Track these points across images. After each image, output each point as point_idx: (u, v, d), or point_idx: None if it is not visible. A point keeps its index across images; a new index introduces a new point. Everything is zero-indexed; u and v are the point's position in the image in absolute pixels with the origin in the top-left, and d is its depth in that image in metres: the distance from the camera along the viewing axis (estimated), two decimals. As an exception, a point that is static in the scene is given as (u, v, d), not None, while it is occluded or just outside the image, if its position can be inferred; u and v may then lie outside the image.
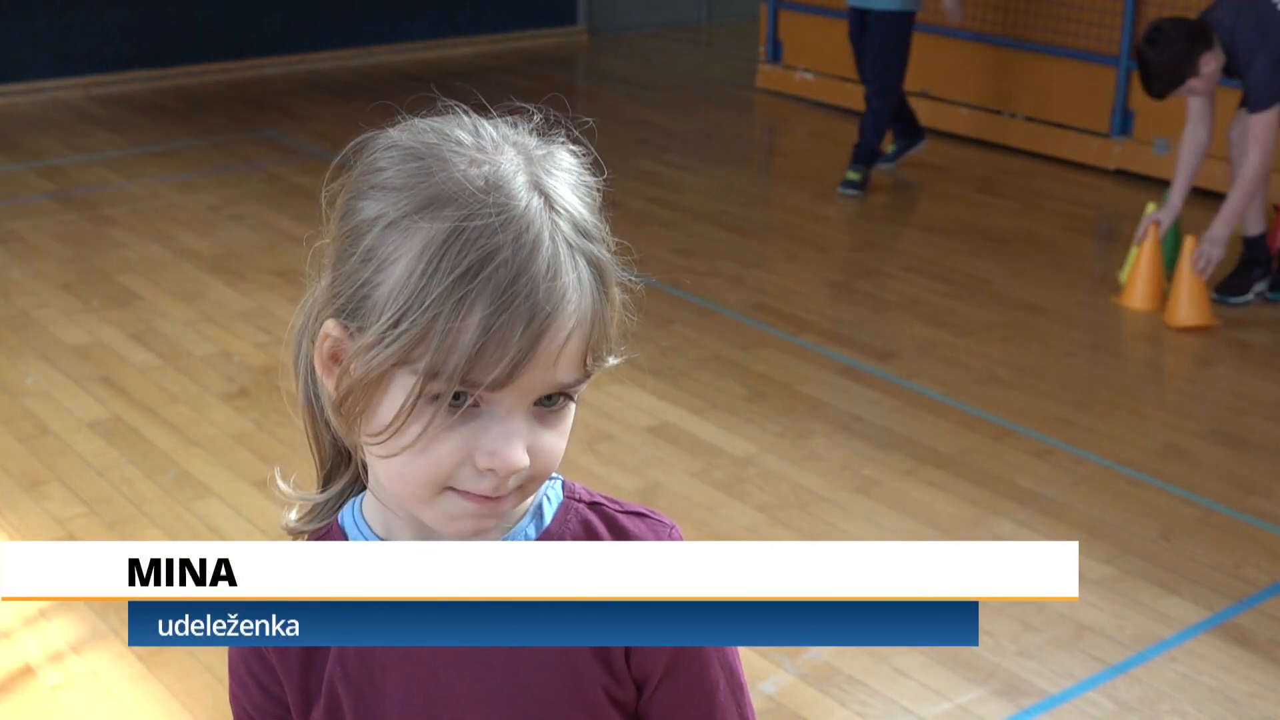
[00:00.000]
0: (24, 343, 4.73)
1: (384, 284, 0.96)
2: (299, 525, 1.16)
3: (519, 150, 1.00)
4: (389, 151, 1.01)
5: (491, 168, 0.97)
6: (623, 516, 1.11)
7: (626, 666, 1.08)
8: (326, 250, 1.05)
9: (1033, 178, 6.64)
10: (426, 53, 9.63)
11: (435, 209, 0.95)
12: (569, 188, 1.00)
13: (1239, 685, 3.03)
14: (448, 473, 0.98)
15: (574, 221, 0.98)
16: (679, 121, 7.90)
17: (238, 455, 3.96)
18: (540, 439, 1.00)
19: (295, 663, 1.10)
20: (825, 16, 8.22)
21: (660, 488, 3.82)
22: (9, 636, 3.16)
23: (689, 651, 1.09)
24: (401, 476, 1.00)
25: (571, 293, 0.96)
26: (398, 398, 0.96)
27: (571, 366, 0.98)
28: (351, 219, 1.01)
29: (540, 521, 1.09)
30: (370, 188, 1.00)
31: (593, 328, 0.98)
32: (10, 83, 8.25)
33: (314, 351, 1.04)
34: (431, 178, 0.97)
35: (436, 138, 1.00)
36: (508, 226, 0.94)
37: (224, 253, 5.63)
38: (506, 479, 0.98)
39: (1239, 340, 4.94)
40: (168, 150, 7.21)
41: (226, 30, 8.95)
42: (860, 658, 3.10)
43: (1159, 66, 4.92)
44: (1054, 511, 3.72)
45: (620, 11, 10.64)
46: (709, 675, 1.10)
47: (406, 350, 0.94)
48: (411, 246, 0.95)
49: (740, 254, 5.74)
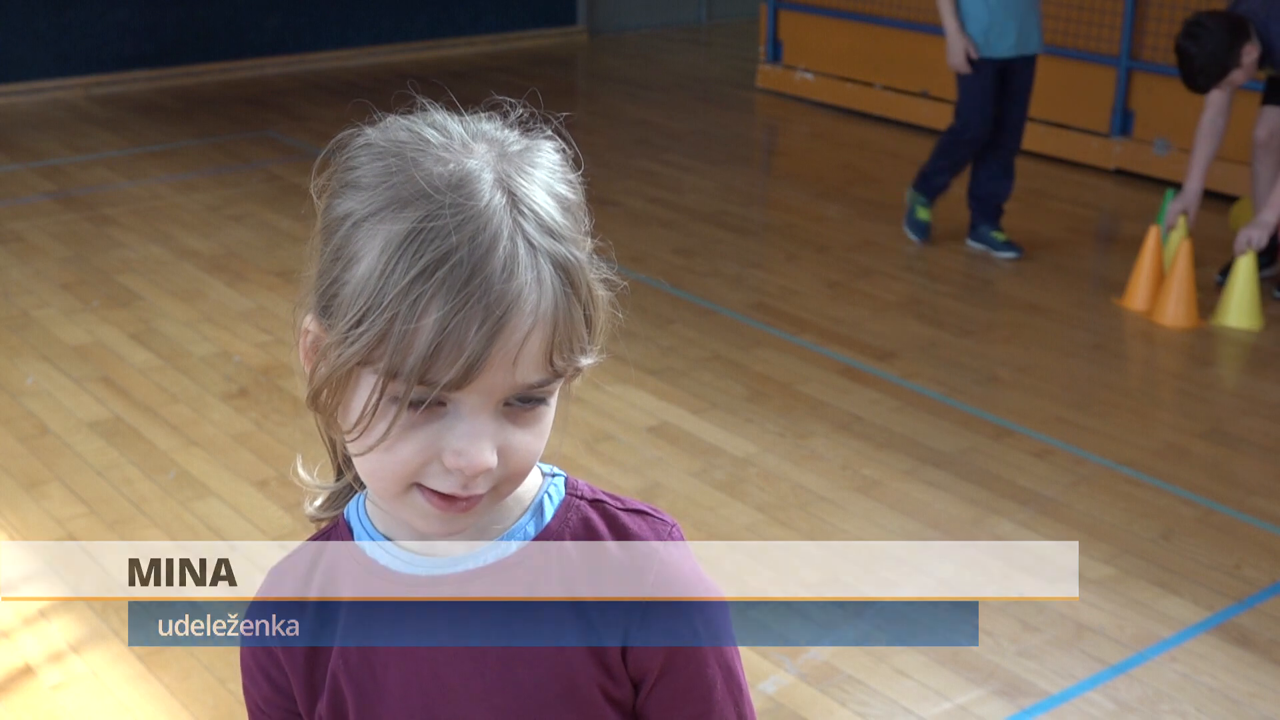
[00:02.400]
0: (24, 343, 4.73)
1: (350, 282, 0.97)
2: (319, 513, 1.17)
3: (492, 147, 1.00)
4: (363, 150, 1.02)
5: (456, 166, 0.97)
6: (624, 514, 1.11)
7: (623, 665, 1.08)
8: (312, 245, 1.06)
9: (1033, 178, 6.63)
10: (426, 53, 9.63)
11: (398, 208, 0.96)
12: (541, 186, 0.99)
13: (1239, 685, 3.03)
14: (414, 470, 0.98)
15: (539, 221, 0.97)
16: (679, 121, 7.89)
17: (238, 455, 3.96)
18: (511, 438, 0.99)
19: (300, 659, 1.11)
20: (825, 16, 8.22)
21: (660, 488, 3.82)
22: (9, 636, 3.16)
23: (685, 650, 1.09)
24: (373, 473, 1.01)
25: (529, 291, 0.95)
26: (363, 396, 0.97)
27: (534, 367, 0.97)
28: (326, 216, 1.02)
29: (541, 519, 1.09)
30: (343, 186, 1.01)
31: (555, 327, 0.97)
32: (10, 83, 8.25)
33: (297, 345, 1.05)
34: (396, 176, 0.98)
35: (407, 136, 1.01)
36: (464, 226, 0.94)
37: (224, 253, 5.63)
38: (474, 478, 0.98)
39: (1239, 340, 4.94)
40: (168, 150, 7.20)
41: (226, 30, 8.95)
42: (860, 658, 3.10)
43: (1203, 60, 4.92)
44: (1054, 511, 3.72)
45: (620, 11, 10.63)
46: (706, 674, 1.10)
47: (368, 350, 0.95)
48: (374, 245, 0.96)
49: (740, 254, 5.74)
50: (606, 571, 1.08)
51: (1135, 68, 6.81)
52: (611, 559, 1.08)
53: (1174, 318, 4.96)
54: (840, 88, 8.12)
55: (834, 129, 7.76)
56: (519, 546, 1.08)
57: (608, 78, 9.31)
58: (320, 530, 1.16)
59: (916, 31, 7.62)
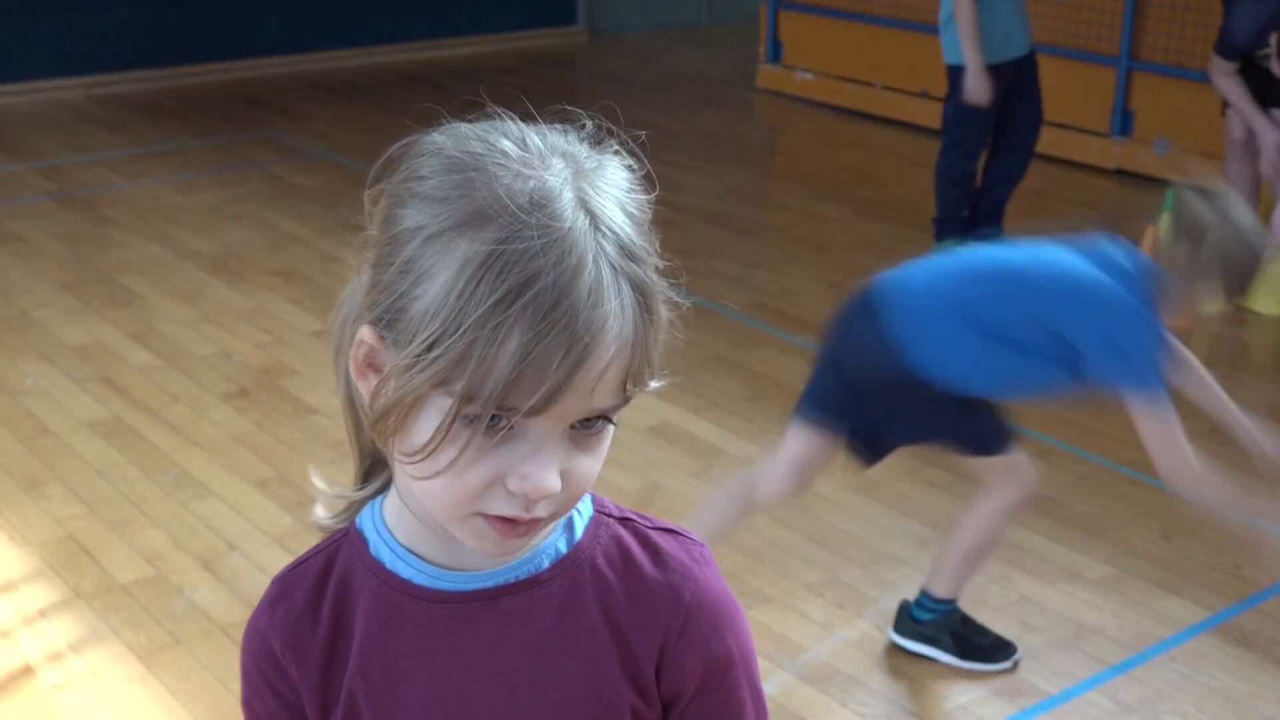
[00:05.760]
0: (24, 343, 4.73)
1: (421, 299, 0.92)
2: (329, 521, 1.13)
3: (568, 162, 0.95)
4: (431, 159, 0.97)
5: (537, 183, 0.92)
6: (655, 533, 1.09)
7: (657, 685, 1.06)
8: (368, 248, 1.01)
9: (1033, 178, 6.62)
10: (426, 53, 9.64)
11: (476, 226, 0.91)
12: (617, 204, 0.95)
13: (1239, 685, 3.03)
14: (478, 493, 0.95)
15: (620, 243, 0.94)
16: (679, 121, 7.89)
17: (238, 455, 3.96)
18: (575, 462, 0.97)
19: (315, 670, 1.07)
20: (825, 16, 8.23)
21: (660, 488, 3.82)
22: (9, 636, 3.16)
23: (719, 672, 1.07)
24: (432, 495, 0.97)
25: (613, 320, 0.92)
26: (433, 419, 0.93)
27: (610, 393, 0.94)
28: (392, 227, 0.96)
29: (571, 535, 1.07)
30: (411, 196, 0.96)
31: (633, 354, 0.94)
32: (10, 83, 8.25)
33: (349, 355, 1.00)
34: (474, 192, 0.92)
35: (482, 147, 0.95)
36: (550, 250, 0.90)
37: (224, 253, 5.63)
38: (536, 502, 0.95)
39: (1239, 340, 4.94)
40: (168, 150, 7.21)
41: (226, 30, 8.95)
42: (860, 658, 3.11)
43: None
44: (1054, 511, 3.72)
45: (620, 11, 10.64)
46: (738, 697, 1.09)
47: (442, 374, 0.91)
48: (450, 264, 0.91)
49: (740, 254, 5.74)
50: (643, 591, 1.06)
51: (1135, 68, 6.81)
52: (647, 578, 1.06)
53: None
54: (840, 88, 8.12)
55: (834, 129, 7.76)
56: (551, 562, 1.06)
57: (608, 78, 9.31)
58: (328, 538, 1.12)
59: (916, 31, 7.62)
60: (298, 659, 1.07)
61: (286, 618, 1.08)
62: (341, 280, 1.09)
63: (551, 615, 1.05)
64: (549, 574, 1.05)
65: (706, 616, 1.07)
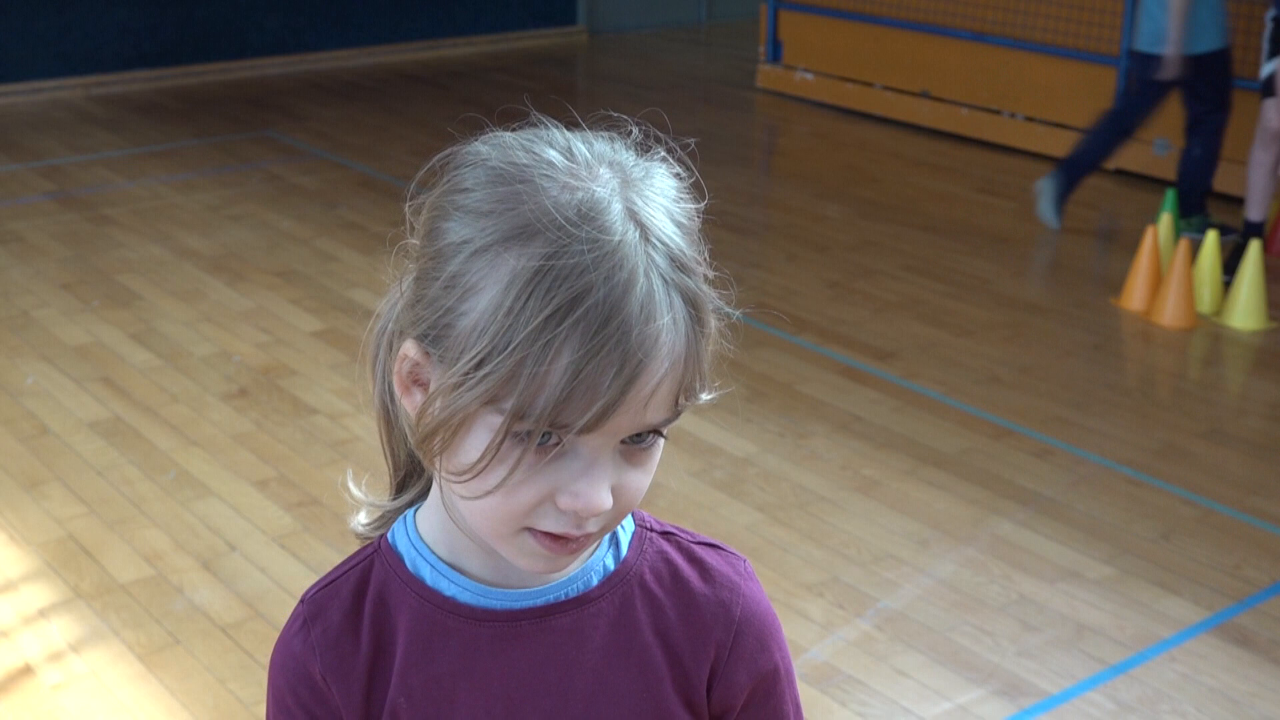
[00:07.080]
0: (24, 343, 4.73)
1: (468, 315, 0.90)
2: (368, 531, 1.10)
3: (615, 171, 0.93)
4: (475, 170, 0.94)
5: (585, 194, 0.90)
6: (698, 548, 1.08)
7: (707, 700, 1.06)
8: (410, 258, 0.98)
9: (1033, 178, 6.62)
10: (426, 53, 9.64)
11: (524, 240, 0.88)
12: (666, 214, 0.93)
13: (1239, 685, 3.03)
14: (527, 512, 0.93)
15: (670, 254, 0.91)
16: (679, 121, 7.88)
17: (238, 455, 3.96)
18: (625, 478, 0.94)
19: (358, 691, 1.04)
20: (825, 16, 8.22)
21: (660, 488, 3.82)
22: (9, 636, 3.16)
23: (767, 686, 1.08)
24: (480, 513, 0.95)
25: (665, 335, 0.89)
26: (482, 437, 0.90)
27: (663, 408, 0.92)
28: (436, 240, 0.94)
29: (618, 551, 1.06)
30: (456, 209, 0.93)
31: (686, 368, 0.92)
32: (10, 83, 8.25)
33: (392, 367, 0.98)
34: (521, 204, 0.90)
35: (527, 158, 0.93)
36: (600, 264, 0.87)
37: (224, 253, 5.63)
38: (587, 519, 0.94)
39: (1239, 340, 4.94)
40: (168, 150, 7.21)
41: (226, 30, 8.95)
42: (860, 658, 3.11)
43: None
44: (1054, 511, 3.72)
45: (620, 11, 10.64)
46: (783, 710, 1.10)
47: (492, 392, 0.88)
48: (498, 279, 0.88)
49: (740, 254, 5.74)
50: (694, 608, 1.05)
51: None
52: (697, 595, 1.06)
53: (1172, 318, 4.96)
54: (840, 88, 8.12)
55: (834, 129, 7.76)
56: (600, 579, 1.04)
57: (608, 78, 9.31)
58: (356, 555, 1.09)
59: (916, 31, 7.62)
60: (340, 681, 1.04)
61: (324, 639, 1.04)
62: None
63: (603, 633, 1.03)
64: (599, 591, 1.04)
65: (755, 632, 1.07)
